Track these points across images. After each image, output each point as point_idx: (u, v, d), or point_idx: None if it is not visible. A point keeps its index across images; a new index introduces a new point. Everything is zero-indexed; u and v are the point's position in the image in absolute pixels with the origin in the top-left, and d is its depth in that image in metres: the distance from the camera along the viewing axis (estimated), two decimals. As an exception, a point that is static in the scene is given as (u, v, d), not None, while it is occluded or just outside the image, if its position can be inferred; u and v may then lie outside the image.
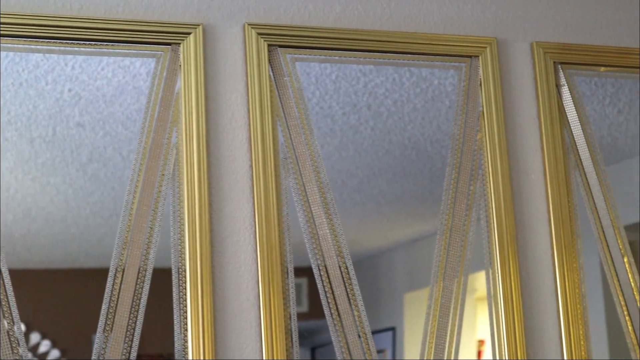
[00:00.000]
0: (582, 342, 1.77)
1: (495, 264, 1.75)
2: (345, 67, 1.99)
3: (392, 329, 2.67)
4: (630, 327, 1.83)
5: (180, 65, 1.66)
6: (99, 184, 2.33)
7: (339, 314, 1.67)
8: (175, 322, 1.59)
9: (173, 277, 1.60)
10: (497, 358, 1.74)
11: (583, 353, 1.77)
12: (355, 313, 1.68)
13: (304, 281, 1.77)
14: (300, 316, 2.22)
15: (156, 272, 1.63)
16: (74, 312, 1.82)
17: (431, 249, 1.80)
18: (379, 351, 2.74)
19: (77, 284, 2.07)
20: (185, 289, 1.59)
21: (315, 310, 1.74)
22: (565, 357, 1.77)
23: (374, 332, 2.75)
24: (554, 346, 1.79)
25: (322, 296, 1.69)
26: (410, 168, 2.43)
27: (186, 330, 1.58)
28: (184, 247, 1.60)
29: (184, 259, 1.59)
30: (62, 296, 2.40)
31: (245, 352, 1.61)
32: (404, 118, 2.22)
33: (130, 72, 1.86)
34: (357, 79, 2.05)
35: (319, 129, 2.24)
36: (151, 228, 1.60)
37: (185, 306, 1.58)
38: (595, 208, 1.85)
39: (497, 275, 1.75)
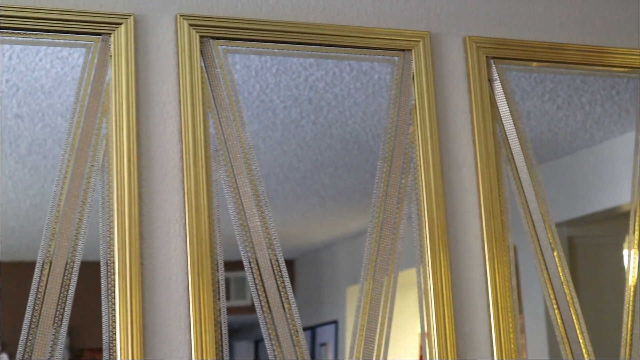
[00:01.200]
0: (511, 335, 1.78)
1: (426, 257, 1.76)
2: (285, 60, 1.99)
3: (335, 322, 2.68)
4: (559, 320, 1.84)
5: (110, 56, 1.65)
6: (39, 176, 2.31)
7: (269, 308, 1.66)
8: (103, 313, 1.58)
9: (101, 269, 1.59)
10: (428, 351, 1.75)
11: (512, 345, 1.78)
12: (286, 306, 1.68)
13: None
14: (244, 309, 2.23)
15: (88, 265, 1.63)
16: (15, 306, 1.81)
17: (374, 243, 1.80)
18: (322, 344, 2.75)
19: (17, 277, 2.05)
20: (114, 280, 1.58)
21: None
22: (494, 349, 1.78)
23: (317, 326, 2.76)
24: (483, 338, 1.80)
25: (252, 290, 1.68)
26: (352, 162, 2.44)
27: (114, 322, 1.57)
28: (112, 239, 1.59)
29: (113, 250, 1.58)
30: (2, 289, 2.38)
31: (175, 344, 1.60)
32: (345, 112, 2.23)
33: (68, 63, 1.85)
34: (297, 73, 2.05)
35: (260, 122, 2.25)
36: (80, 219, 1.59)
37: (114, 298, 1.57)
38: (526, 202, 1.86)
39: (427, 268, 1.75)
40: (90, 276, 1.65)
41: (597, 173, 2.43)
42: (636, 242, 1.95)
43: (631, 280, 1.94)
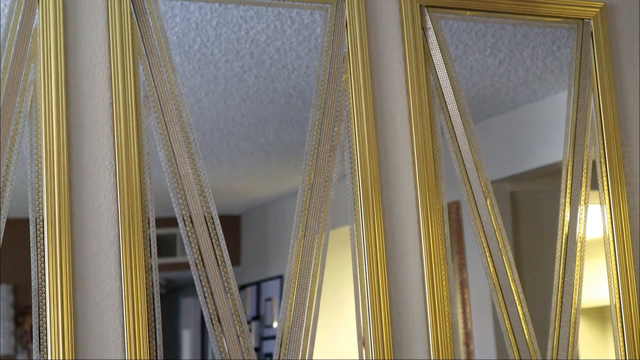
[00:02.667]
0: (444, 283, 1.79)
1: (359, 205, 1.76)
2: (225, 13, 1.97)
3: (280, 277, 2.69)
4: (491, 268, 1.86)
5: (37, 0, 1.63)
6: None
7: (203, 265, 1.66)
8: (32, 259, 1.57)
9: (30, 215, 1.58)
10: (360, 300, 1.75)
11: (445, 292, 1.79)
12: (221, 263, 1.68)
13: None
14: (186, 266, 2.21)
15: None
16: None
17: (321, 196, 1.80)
18: (267, 299, 2.75)
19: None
20: (43, 227, 1.57)
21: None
22: (427, 298, 1.79)
23: (262, 281, 2.76)
24: (416, 287, 1.81)
25: (186, 246, 1.68)
26: (296, 117, 2.43)
27: (43, 269, 1.56)
28: (41, 186, 1.58)
29: (42, 198, 1.57)
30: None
31: (105, 291, 1.59)
32: (287, 66, 2.22)
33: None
34: (238, 26, 2.04)
35: (202, 76, 2.23)
36: (7, 166, 1.57)
37: (43, 244, 1.56)
38: (459, 151, 1.87)
39: (360, 217, 1.76)
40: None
41: (539, 129, 2.44)
42: (568, 197, 1.96)
43: (565, 229, 1.96)
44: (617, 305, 1.93)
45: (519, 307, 1.84)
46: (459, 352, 2.51)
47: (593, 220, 2.03)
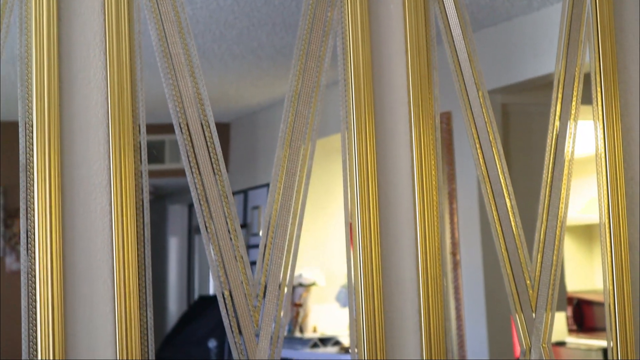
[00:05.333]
0: (434, 193, 1.78)
1: (350, 92, 1.74)
2: None
3: (268, 185, 2.69)
4: (481, 160, 1.84)
5: None
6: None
7: (199, 172, 1.65)
8: (20, 155, 1.54)
9: (18, 91, 1.55)
10: (350, 212, 1.75)
11: (434, 207, 1.78)
12: (217, 171, 1.67)
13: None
14: (179, 172, 2.20)
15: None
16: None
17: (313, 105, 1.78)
18: (254, 207, 2.76)
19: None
20: (32, 106, 1.54)
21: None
22: (417, 209, 1.78)
23: (249, 189, 2.76)
24: (406, 198, 1.80)
25: (182, 151, 1.66)
26: (290, 19, 2.41)
27: (32, 163, 1.54)
28: (30, 60, 1.55)
29: (30, 72, 1.54)
30: None
31: (94, 169, 1.58)
32: (282, -34, 2.19)
33: None
34: None
35: (194, -26, 2.19)
36: (-2, 46, 1.55)
37: (32, 120, 1.54)
38: (453, 40, 1.85)
39: (352, 120, 1.74)
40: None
41: (534, 40, 2.43)
42: (558, 111, 1.95)
43: (553, 144, 1.95)
44: (607, 224, 1.94)
45: (506, 200, 1.84)
46: (446, 262, 2.53)
47: (589, 137, 2.03)
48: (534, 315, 1.83)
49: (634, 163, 1.99)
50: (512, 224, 1.84)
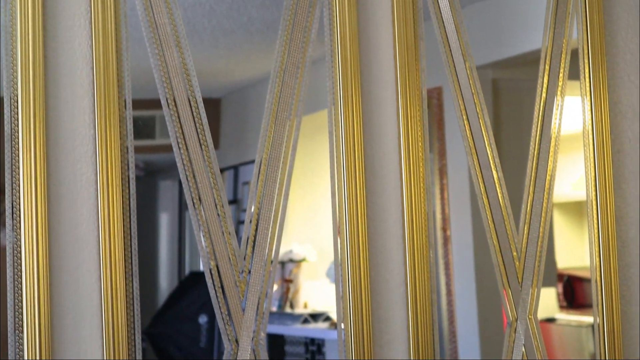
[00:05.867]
0: (420, 170, 1.78)
1: (337, 64, 1.74)
2: None
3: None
4: (468, 132, 1.84)
5: None
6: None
7: (187, 149, 1.65)
8: (5, 125, 1.54)
9: (4, 78, 1.54)
10: (336, 185, 1.74)
11: (421, 183, 1.78)
12: (204, 147, 1.66)
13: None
14: (169, 148, 2.20)
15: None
16: None
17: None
18: (244, 183, 2.75)
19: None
20: (16, 72, 1.53)
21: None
22: (404, 185, 1.78)
23: (240, 165, 2.75)
24: (393, 172, 1.79)
25: (169, 127, 1.65)
26: (280, -5, 2.39)
27: (17, 132, 1.53)
28: (15, 30, 1.54)
29: (16, 44, 1.54)
30: None
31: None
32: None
33: None
34: None
35: (184, -54, 2.18)
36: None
37: (17, 90, 1.53)
38: (440, 12, 1.84)
39: (339, 97, 1.74)
40: None
41: (525, 15, 2.42)
42: (545, 86, 1.95)
43: (539, 121, 1.94)
44: (594, 200, 1.94)
45: (493, 172, 1.84)
46: (436, 237, 2.53)
47: (577, 112, 2.02)
48: (520, 287, 1.84)
49: (621, 135, 1.99)
50: (499, 195, 1.84)
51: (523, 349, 1.82)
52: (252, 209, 1.71)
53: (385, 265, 1.77)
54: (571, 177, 2.65)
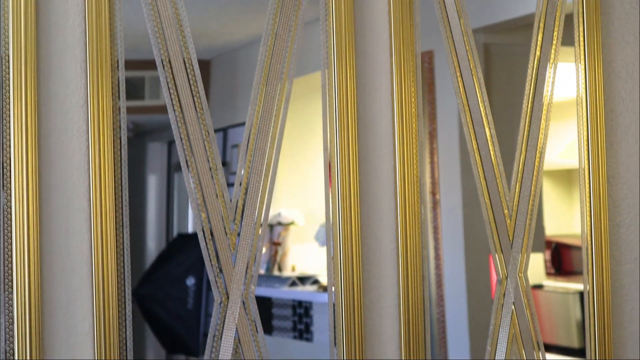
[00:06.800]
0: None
1: (331, 27, 1.73)
2: None
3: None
4: (461, 89, 1.83)
5: None
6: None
7: (181, 109, 1.63)
8: None
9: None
10: (329, 146, 1.73)
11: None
12: (198, 108, 1.65)
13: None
14: (158, 109, 2.19)
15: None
16: None
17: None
18: (234, 145, 2.74)
19: None
20: (7, 29, 1.52)
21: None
22: (397, 148, 1.77)
23: (229, 127, 2.74)
24: (385, 132, 1.79)
25: (164, 89, 1.64)
26: (272, -46, 2.37)
27: (7, 80, 1.52)
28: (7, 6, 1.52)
29: (7, 16, 1.52)
30: None
31: (69, 118, 1.56)
32: None
33: None
34: None
35: None
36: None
37: (8, 55, 1.51)
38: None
39: (332, 35, 1.73)
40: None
41: (518, -22, 2.41)
42: (537, 52, 1.94)
43: (532, 87, 1.94)
44: (586, 161, 1.94)
45: (486, 129, 1.83)
46: (425, 201, 2.53)
47: (570, 79, 2.02)
48: (511, 245, 1.84)
49: (614, 95, 1.99)
50: (491, 153, 1.84)
51: (513, 307, 1.82)
52: (242, 172, 1.70)
53: (376, 219, 1.76)
54: (560, 144, 2.65)
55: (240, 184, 1.70)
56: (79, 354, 1.54)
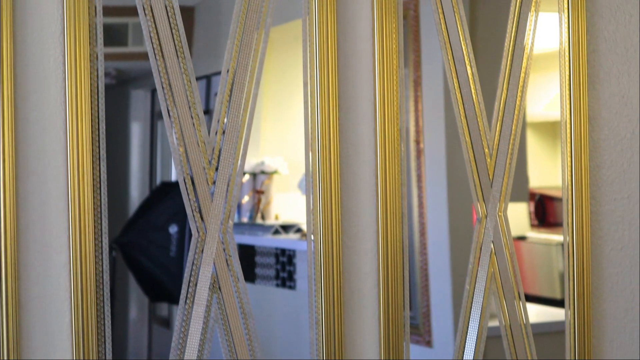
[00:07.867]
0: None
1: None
2: None
3: (232, 69, 2.65)
4: (443, 26, 1.82)
5: None
6: None
7: (163, 57, 1.62)
8: None
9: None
10: (310, 99, 1.72)
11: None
12: (180, 56, 1.64)
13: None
14: (141, 56, 2.16)
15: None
16: None
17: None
18: (217, 93, 2.73)
19: None
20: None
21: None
22: (376, 67, 1.76)
23: (212, 75, 2.72)
24: (366, 82, 1.77)
25: (145, 36, 1.62)
26: None
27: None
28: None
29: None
30: None
31: (45, 48, 1.54)
32: None
33: None
34: None
35: None
36: None
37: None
38: None
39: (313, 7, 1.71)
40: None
41: None
42: (518, 1, 1.92)
43: (512, 37, 1.92)
44: (567, 109, 1.93)
45: (467, 67, 1.82)
46: (409, 150, 2.52)
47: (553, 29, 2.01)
48: (491, 184, 1.83)
49: (597, 35, 1.98)
50: (472, 91, 1.83)
51: (492, 246, 1.82)
52: (218, 120, 1.69)
53: (356, 155, 1.76)
54: (545, 98, 2.65)
55: (218, 121, 1.69)
56: (56, 284, 1.54)
